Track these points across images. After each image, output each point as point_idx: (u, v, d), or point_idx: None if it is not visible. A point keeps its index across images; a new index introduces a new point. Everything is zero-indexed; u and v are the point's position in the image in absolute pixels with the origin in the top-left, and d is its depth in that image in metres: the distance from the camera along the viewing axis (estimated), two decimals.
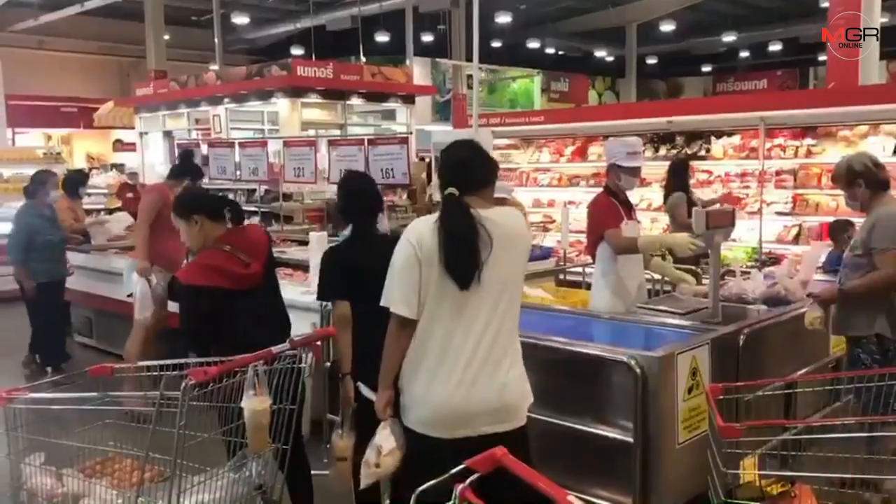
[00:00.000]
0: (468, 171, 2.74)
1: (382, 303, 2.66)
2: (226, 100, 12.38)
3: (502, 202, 6.98)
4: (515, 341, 2.73)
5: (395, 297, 2.64)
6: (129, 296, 5.90)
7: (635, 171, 4.54)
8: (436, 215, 2.67)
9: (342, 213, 3.73)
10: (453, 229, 2.59)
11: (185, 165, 6.23)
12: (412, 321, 2.63)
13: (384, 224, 3.67)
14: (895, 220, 3.61)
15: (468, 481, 1.64)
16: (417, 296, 2.61)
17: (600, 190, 4.74)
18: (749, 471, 2.63)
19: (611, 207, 4.52)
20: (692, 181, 7.37)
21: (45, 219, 6.77)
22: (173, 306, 5.55)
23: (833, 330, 3.86)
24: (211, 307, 3.30)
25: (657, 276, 5.86)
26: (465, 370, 2.59)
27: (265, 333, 3.19)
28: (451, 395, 2.57)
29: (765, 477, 2.64)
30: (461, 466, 1.68)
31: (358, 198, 3.62)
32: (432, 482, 1.71)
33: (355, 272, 3.40)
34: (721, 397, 2.63)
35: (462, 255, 2.58)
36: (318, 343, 3.04)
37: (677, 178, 7.02)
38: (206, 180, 7.77)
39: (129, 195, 10.15)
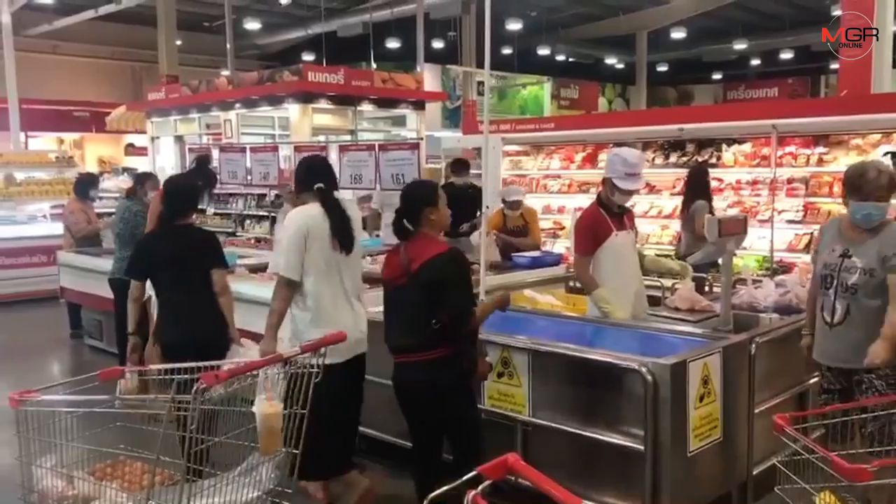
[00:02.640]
0: (329, 173, 3.93)
1: (271, 269, 3.89)
2: (237, 105, 12.40)
3: (517, 205, 7.02)
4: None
5: (283, 264, 3.65)
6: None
7: (631, 192, 4.49)
8: (316, 205, 3.69)
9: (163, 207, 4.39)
10: (339, 211, 3.70)
11: (200, 170, 6.24)
12: (296, 282, 3.64)
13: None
14: None
15: (480, 488, 1.64)
16: (301, 264, 3.61)
17: None
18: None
19: (596, 223, 4.45)
20: None
21: (143, 217, 6.24)
22: None
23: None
24: None
25: (657, 283, 5.81)
26: (352, 312, 3.72)
27: None
28: (348, 329, 3.42)
29: None
30: (473, 473, 1.67)
31: (172, 198, 4.23)
32: (444, 488, 1.71)
33: (162, 258, 4.06)
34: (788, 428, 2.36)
35: (347, 229, 3.70)
36: None
37: (696, 186, 6.90)
38: (217, 186, 7.83)
39: None
